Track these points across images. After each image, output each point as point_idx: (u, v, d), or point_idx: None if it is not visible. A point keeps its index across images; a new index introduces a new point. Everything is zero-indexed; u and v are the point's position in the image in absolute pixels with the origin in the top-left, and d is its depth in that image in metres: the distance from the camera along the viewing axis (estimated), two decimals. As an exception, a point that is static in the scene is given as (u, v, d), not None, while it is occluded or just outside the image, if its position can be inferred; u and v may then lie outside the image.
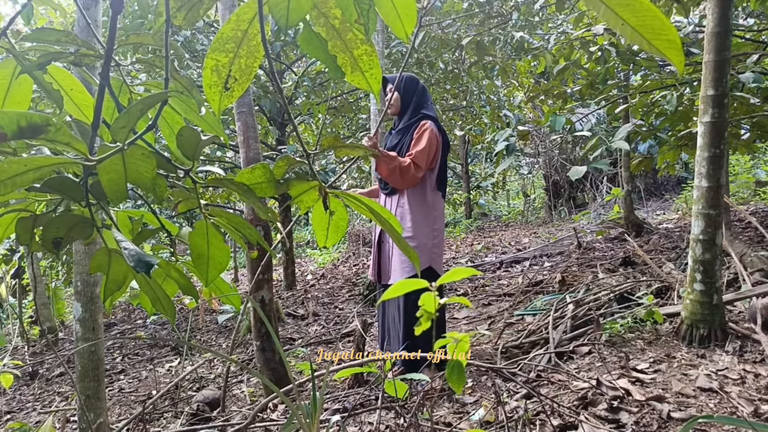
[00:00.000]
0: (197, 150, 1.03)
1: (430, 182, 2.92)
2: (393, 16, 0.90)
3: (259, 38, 0.98)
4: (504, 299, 4.09)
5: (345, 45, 1.01)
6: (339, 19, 0.98)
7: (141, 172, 0.88)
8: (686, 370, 2.13)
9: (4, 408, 3.64)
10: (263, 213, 1.18)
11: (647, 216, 7.63)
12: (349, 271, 8.03)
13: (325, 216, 1.25)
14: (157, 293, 1.20)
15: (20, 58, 1.15)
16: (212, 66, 1.00)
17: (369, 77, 1.05)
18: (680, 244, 4.47)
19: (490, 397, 2.28)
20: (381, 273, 3.03)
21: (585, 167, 3.45)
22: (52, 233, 1.06)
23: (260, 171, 1.10)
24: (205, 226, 1.18)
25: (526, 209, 12.84)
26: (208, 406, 2.89)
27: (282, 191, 1.14)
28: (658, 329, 2.62)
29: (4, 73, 1.20)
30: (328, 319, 4.80)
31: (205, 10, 0.90)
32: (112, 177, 0.88)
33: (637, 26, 0.76)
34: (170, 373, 3.92)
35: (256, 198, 1.09)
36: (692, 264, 2.44)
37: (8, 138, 0.65)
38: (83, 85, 1.29)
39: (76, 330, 2.20)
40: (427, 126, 2.85)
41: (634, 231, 6.14)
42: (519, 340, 2.71)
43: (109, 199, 0.92)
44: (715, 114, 2.33)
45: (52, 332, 5.23)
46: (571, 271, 4.32)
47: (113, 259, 1.14)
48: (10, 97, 1.23)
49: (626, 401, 1.92)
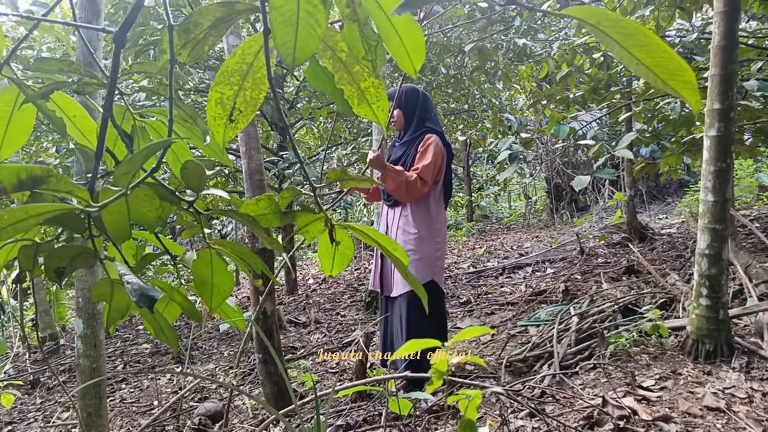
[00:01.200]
0: (202, 182, 1.02)
1: (434, 195, 2.91)
2: (401, 51, 0.88)
3: (264, 71, 0.97)
4: (507, 308, 4.07)
5: (352, 78, 1.00)
6: (346, 53, 0.97)
7: (144, 212, 0.87)
8: (693, 387, 2.11)
9: (5, 418, 3.63)
10: (268, 243, 1.16)
11: (650, 220, 7.61)
12: (350, 275, 8.01)
13: (330, 246, 1.24)
14: (160, 323, 1.19)
15: (23, 86, 1.13)
16: (217, 99, 0.98)
17: (376, 109, 1.03)
18: (684, 252, 4.45)
19: (494, 414, 2.27)
20: (383, 284, 3.02)
21: (588, 176, 3.43)
22: (54, 263, 1.04)
23: (265, 202, 1.09)
24: (209, 254, 1.17)
25: (528, 211, 12.82)
26: (210, 420, 2.88)
27: (287, 222, 1.12)
28: (664, 343, 2.61)
29: (7, 100, 1.19)
30: (330, 327, 4.79)
31: (210, 47, 0.89)
32: (116, 218, 0.86)
33: (651, 66, 0.74)
34: (171, 383, 3.90)
35: (261, 228, 1.08)
36: (698, 278, 2.42)
37: (8, 191, 0.64)
38: (85, 110, 1.28)
39: (78, 347, 2.19)
40: (432, 140, 2.84)
41: (636, 236, 6.11)
42: (523, 354, 2.70)
43: (113, 238, 0.91)
44: (721, 128, 2.31)
45: (53, 339, 5.21)
46: (574, 279, 4.30)
47: (116, 289, 1.12)
48: (12, 124, 1.22)
49: (633, 421, 1.90)
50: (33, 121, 1.24)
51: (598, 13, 0.73)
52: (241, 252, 1.18)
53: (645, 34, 0.73)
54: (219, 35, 0.88)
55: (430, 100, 3.03)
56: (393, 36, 0.86)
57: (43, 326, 5.32)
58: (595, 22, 0.75)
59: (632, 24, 0.73)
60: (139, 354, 4.91)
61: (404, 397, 2.03)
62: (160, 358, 4.78)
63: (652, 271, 3.39)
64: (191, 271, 1.28)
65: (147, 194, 0.82)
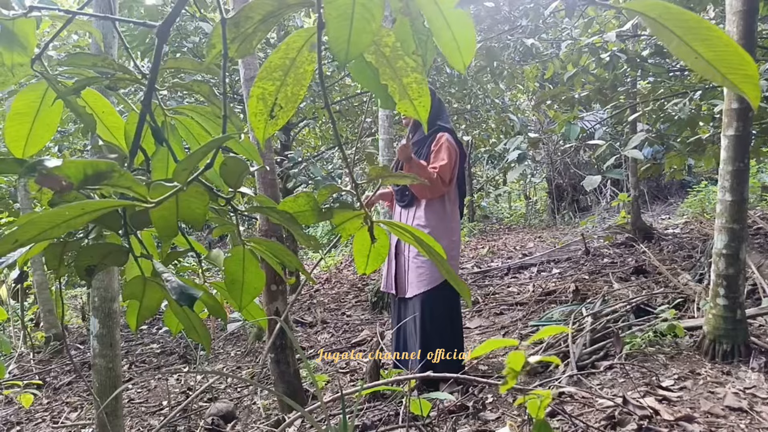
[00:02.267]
0: (240, 179, 1.00)
1: (448, 194, 2.90)
2: (452, 46, 0.87)
3: (306, 66, 0.96)
4: (516, 308, 4.06)
5: (395, 73, 0.99)
6: (390, 47, 0.96)
7: (193, 209, 0.86)
8: (713, 387, 2.10)
9: (13, 419, 3.60)
10: (305, 241, 1.14)
11: (653, 220, 7.61)
12: (353, 275, 7.99)
13: (367, 243, 1.23)
14: (192, 322, 1.17)
15: (54, 83, 1.12)
16: (258, 94, 0.97)
17: (417, 105, 1.02)
18: (693, 253, 4.45)
19: (512, 414, 2.26)
20: (397, 286, 3.00)
21: (599, 177, 3.43)
22: (85, 261, 1.03)
23: (304, 199, 1.08)
24: (241, 252, 1.16)
25: (528, 212, 12.82)
26: (222, 420, 2.86)
27: (325, 219, 1.11)
28: (679, 343, 2.60)
29: (34, 96, 1.17)
30: (337, 327, 4.77)
31: (258, 41, 0.87)
32: (164, 215, 0.85)
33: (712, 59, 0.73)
34: (179, 383, 3.88)
35: (299, 226, 1.06)
36: (715, 278, 2.42)
37: (75, 187, 0.63)
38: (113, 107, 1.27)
39: (94, 346, 2.17)
40: (445, 139, 2.83)
41: (641, 237, 6.12)
42: (538, 354, 2.69)
43: (160, 236, 0.89)
44: (740, 128, 2.30)
45: (58, 339, 5.19)
46: (582, 279, 4.29)
47: (148, 287, 1.11)
48: (38, 120, 1.21)
49: (655, 421, 1.89)
50: (58, 118, 1.22)
51: (658, 6, 0.72)
52: (277, 249, 1.17)
53: (708, 28, 0.72)
54: (267, 30, 0.87)
55: (443, 103, 3.02)
56: (444, 30, 0.85)
57: (47, 326, 5.29)
58: (657, 15, 0.74)
59: (694, 17, 0.72)
60: (144, 354, 4.88)
61: (424, 398, 2.02)
62: (166, 358, 4.76)
63: (664, 271, 3.38)
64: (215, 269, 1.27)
65: (198, 191, 0.81)
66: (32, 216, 0.67)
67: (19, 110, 1.19)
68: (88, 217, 0.73)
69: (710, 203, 7.52)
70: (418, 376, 2.09)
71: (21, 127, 1.21)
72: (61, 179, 0.60)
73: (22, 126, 1.21)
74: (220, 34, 0.83)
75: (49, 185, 0.60)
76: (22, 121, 1.20)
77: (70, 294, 9.28)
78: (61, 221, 0.70)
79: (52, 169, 0.60)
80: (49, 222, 0.69)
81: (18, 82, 1.19)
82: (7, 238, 0.67)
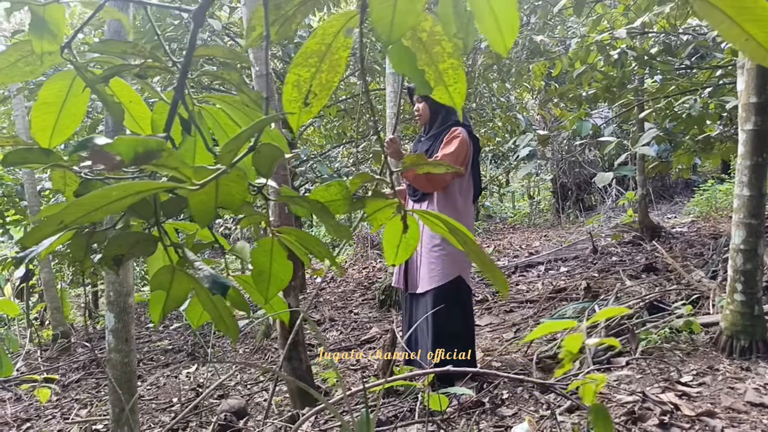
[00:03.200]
0: (272, 168, 0.99)
1: (460, 188, 2.88)
2: (493, 29, 0.85)
3: (341, 52, 0.95)
4: (526, 306, 4.05)
5: (431, 59, 0.97)
6: (427, 32, 0.94)
7: (233, 194, 0.84)
8: (732, 383, 2.09)
9: (23, 415, 3.60)
10: (336, 232, 1.13)
11: (659, 219, 7.59)
12: (359, 274, 7.99)
13: (397, 234, 1.21)
14: (221, 312, 1.16)
15: (83, 71, 1.11)
16: (293, 81, 0.96)
17: (452, 91, 1.00)
18: (703, 250, 4.43)
19: (529, 410, 2.24)
20: (408, 281, 2.99)
21: (611, 174, 3.41)
22: (113, 251, 1.02)
23: (336, 188, 1.07)
24: (270, 242, 1.14)
25: (532, 211, 12.81)
26: (234, 416, 2.85)
27: (357, 209, 1.10)
28: (695, 339, 2.59)
29: (61, 86, 1.16)
30: (345, 325, 4.76)
31: (297, 24, 0.86)
32: (203, 199, 0.84)
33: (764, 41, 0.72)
34: (189, 380, 3.88)
35: (330, 215, 1.05)
36: (732, 274, 2.40)
37: (126, 165, 0.62)
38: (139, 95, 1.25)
39: (109, 341, 2.16)
40: (458, 132, 2.81)
41: (648, 235, 6.10)
42: (553, 350, 2.67)
43: (197, 221, 0.88)
44: (758, 122, 2.29)
45: (66, 337, 5.18)
46: (592, 277, 4.28)
47: (176, 277, 1.09)
48: (65, 110, 1.19)
49: (676, 416, 1.88)
50: (84, 108, 1.21)
51: (712, -14, 0.71)
52: (307, 239, 1.15)
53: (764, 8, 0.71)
54: (307, 12, 0.86)
55: None
56: (487, 12, 0.84)
57: (54, 323, 5.29)
58: (709, -5, 0.72)
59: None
60: (152, 351, 4.88)
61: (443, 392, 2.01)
62: (174, 355, 4.75)
63: (677, 268, 3.37)
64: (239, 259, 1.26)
65: (239, 175, 0.79)
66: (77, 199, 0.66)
67: (47, 100, 1.18)
68: (131, 199, 0.72)
69: (717, 202, 7.51)
70: (438, 371, 2.08)
71: (47, 117, 1.20)
72: (113, 156, 0.59)
73: (49, 116, 1.20)
74: (260, 16, 0.82)
75: (101, 162, 0.59)
76: (48, 110, 1.19)
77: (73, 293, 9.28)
78: (105, 203, 0.69)
79: (104, 146, 0.59)
80: (93, 204, 0.68)
81: (46, 70, 1.18)
82: (53, 219, 0.66)
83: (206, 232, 1.26)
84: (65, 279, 7.81)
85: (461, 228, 1.05)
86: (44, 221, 0.67)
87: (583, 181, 11.09)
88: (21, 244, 0.80)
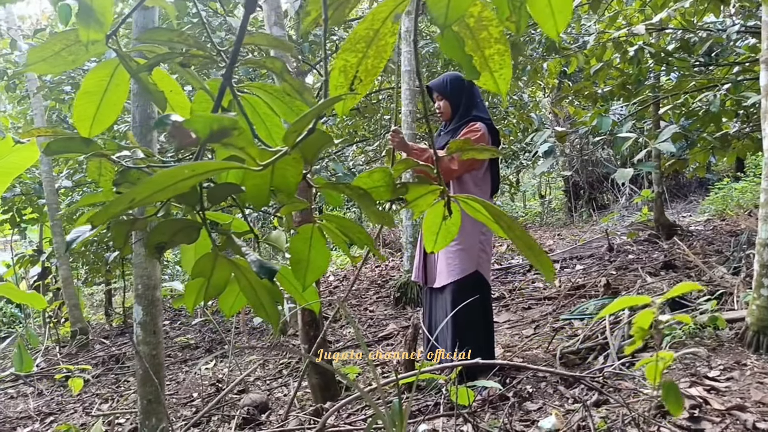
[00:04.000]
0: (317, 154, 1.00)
1: (474, 182, 2.87)
2: (546, 12, 0.86)
3: (388, 38, 0.95)
4: (545, 303, 4.04)
5: (477, 45, 0.97)
6: (475, 18, 0.95)
7: (287, 176, 0.85)
8: (761, 378, 2.07)
9: (45, 409, 3.64)
10: (378, 218, 1.14)
11: (675, 218, 7.54)
12: (371, 272, 7.99)
13: (437, 220, 1.22)
14: (262, 299, 1.16)
15: (127, 60, 1.12)
16: (341, 66, 0.97)
17: (498, 77, 1.00)
18: (722, 248, 4.40)
19: (554, 404, 2.24)
20: (427, 276, 2.99)
21: (631, 170, 3.39)
22: (157, 238, 1.03)
23: (379, 174, 1.07)
24: (309, 230, 1.15)
25: (544, 210, 12.76)
26: (257, 410, 2.87)
27: (400, 195, 1.10)
28: (720, 335, 2.57)
29: (103, 74, 1.17)
30: (361, 322, 4.77)
31: (350, 9, 0.87)
32: (258, 182, 0.85)
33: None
34: (208, 376, 3.90)
35: (373, 203, 1.05)
36: (759, 269, 2.38)
37: (202, 141, 0.62)
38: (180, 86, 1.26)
39: (137, 333, 2.18)
40: (477, 126, 2.80)
41: (664, 233, 6.05)
42: (576, 346, 2.66)
43: (251, 204, 0.89)
44: (786, 115, 2.27)
45: (84, 333, 5.23)
46: (610, 274, 4.26)
47: (218, 263, 1.10)
48: (105, 100, 1.20)
49: (705, 410, 1.87)
50: (124, 97, 1.22)
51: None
52: (348, 227, 1.16)
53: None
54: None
55: (476, 87, 2.98)
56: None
57: (73, 320, 5.34)
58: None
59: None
60: (169, 348, 4.91)
61: (470, 386, 2.01)
62: (191, 351, 4.78)
63: (699, 265, 3.35)
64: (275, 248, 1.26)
65: (296, 158, 0.80)
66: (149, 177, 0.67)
67: (88, 89, 1.19)
68: (196, 179, 0.73)
69: (733, 200, 7.44)
70: (465, 363, 2.08)
71: (89, 107, 1.21)
72: (190, 133, 0.60)
73: (90, 105, 1.21)
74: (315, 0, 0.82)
75: (179, 137, 0.60)
76: (90, 100, 1.20)
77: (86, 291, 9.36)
78: (172, 182, 0.70)
79: (183, 123, 0.60)
80: (161, 183, 0.69)
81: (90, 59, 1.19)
82: (125, 197, 0.67)
83: (240, 222, 1.27)
84: (79, 278, 7.90)
85: (503, 214, 1.05)
86: (115, 200, 0.68)
87: (595, 180, 11.03)
88: (90, 222, 0.81)
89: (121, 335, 5.84)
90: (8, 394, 4.13)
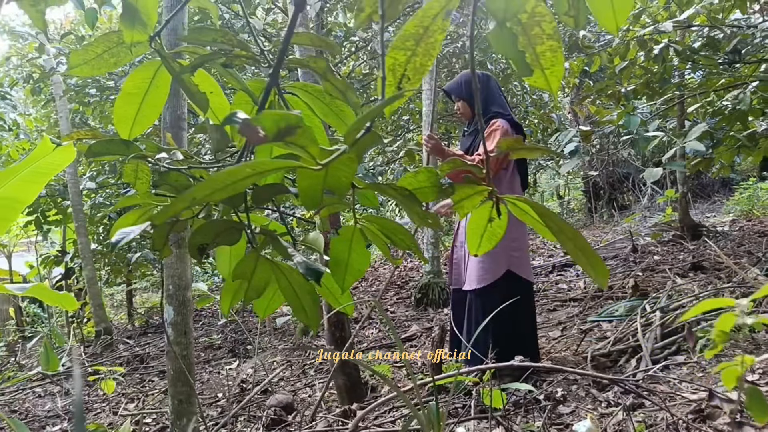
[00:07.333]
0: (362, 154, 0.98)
1: (504, 180, 2.85)
2: (605, 6, 0.84)
3: (437, 35, 0.93)
4: (570, 304, 3.98)
5: (529, 41, 0.95)
6: (528, 13, 0.92)
7: (340, 177, 0.83)
8: (803, 382, 2.02)
9: (72, 408, 3.68)
10: (423, 220, 1.12)
11: (700, 218, 7.41)
12: (389, 273, 7.97)
13: (483, 222, 1.20)
14: (302, 301, 1.15)
15: (169, 61, 1.11)
16: (390, 65, 0.95)
17: (549, 74, 0.98)
18: (752, 248, 4.31)
19: (586, 408, 2.20)
20: (457, 277, 2.97)
21: (660, 169, 3.33)
22: (199, 239, 1.02)
23: (424, 175, 1.05)
24: (351, 231, 1.14)
25: (563, 211, 12.64)
26: (283, 411, 2.87)
27: (446, 196, 1.08)
28: (756, 338, 2.51)
29: (145, 76, 1.17)
30: (383, 323, 4.75)
31: (404, 5, 0.86)
32: (311, 183, 0.83)
33: None
34: (231, 377, 3.91)
35: (418, 204, 1.03)
36: (798, 270, 2.32)
37: (269, 139, 0.61)
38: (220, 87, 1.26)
39: (169, 333, 2.19)
40: (497, 124, 2.77)
41: (689, 234, 5.95)
42: (607, 348, 2.62)
43: (304, 205, 0.88)
44: (827, 113, 2.20)
45: (108, 333, 5.29)
46: (637, 275, 4.20)
47: (259, 265, 1.09)
48: (146, 101, 1.20)
49: (747, 415, 1.82)
50: (165, 98, 1.22)
51: None
52: (390, 228, 1.14)
53: None
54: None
55: (494, 82, 2.95)
56: (599, -11, 0.82)
57: (97, 320, 5.40)
58: None
59: None
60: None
61: (503, 388, 1.99)
62: (214, 352, 4.81)
63: (731, 266, 3.28)
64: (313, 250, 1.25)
65: (350, 158, 0.79)
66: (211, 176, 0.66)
67: (129, 90, 1.19)
68: (256, 177, 0.72)
69: (759, 200, 7.30)
70: (501, 366, 2.05)
71: (129, 108, 1.21)
72: (258, 130, 0.59)
73: (131, 106, 1.21)
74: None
75: (248, 134, 0.59)
76: (131, 101, 1.20)
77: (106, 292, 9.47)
78: (232, 181, 0.70)
79: (252, 120, 0.59)
80: (222, 181, 0.69)
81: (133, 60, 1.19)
82: (186, 196, 0.66)
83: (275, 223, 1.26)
84: (101, 279, 7.99)
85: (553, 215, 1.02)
86: (177, 199, 0.67)
87: (616, 180, 10.90)
88: (152, 222, 0.81)
89: (144, 335, 5.89)
90: (36, 393, 4.19)
